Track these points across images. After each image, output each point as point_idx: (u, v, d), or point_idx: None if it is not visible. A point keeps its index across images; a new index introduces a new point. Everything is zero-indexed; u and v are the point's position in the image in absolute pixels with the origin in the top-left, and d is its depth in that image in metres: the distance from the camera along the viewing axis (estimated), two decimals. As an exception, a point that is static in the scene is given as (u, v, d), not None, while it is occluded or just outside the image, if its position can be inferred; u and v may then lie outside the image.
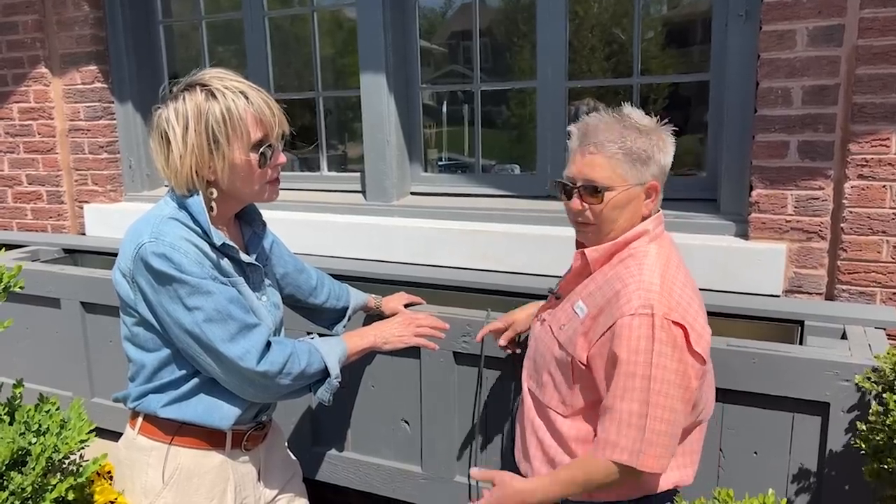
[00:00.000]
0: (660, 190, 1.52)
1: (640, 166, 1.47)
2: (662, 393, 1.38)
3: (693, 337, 1.40)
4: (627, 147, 1.45)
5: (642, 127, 1.48)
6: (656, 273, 1.45)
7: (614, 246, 1.51)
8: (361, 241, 3.07)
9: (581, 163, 1.49)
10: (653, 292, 1.41)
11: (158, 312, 1.50)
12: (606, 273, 1.52)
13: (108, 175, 3.76)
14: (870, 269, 2.25)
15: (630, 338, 1.38)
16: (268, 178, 1.58)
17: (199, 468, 1.59)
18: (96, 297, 2.93)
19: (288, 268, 1.94)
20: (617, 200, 1.47)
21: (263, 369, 1.51)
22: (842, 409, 1.81)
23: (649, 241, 1.52)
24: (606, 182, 1.46)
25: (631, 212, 1.50)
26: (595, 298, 1.50)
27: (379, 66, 3.03)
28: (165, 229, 1.49)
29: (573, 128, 1.55)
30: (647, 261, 1.47)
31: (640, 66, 2.77)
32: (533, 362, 1.67)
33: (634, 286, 1.42)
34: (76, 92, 3.71)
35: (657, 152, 1.48)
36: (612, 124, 1.48)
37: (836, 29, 2.21)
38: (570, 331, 1.52)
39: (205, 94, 1.49)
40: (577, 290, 1.57)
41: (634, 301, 1.40)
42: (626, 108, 1.52)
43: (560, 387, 1.56)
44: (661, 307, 1.39)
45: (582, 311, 1.51)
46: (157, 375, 1.57)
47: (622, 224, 1.50)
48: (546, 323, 1.64)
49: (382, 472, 2.48)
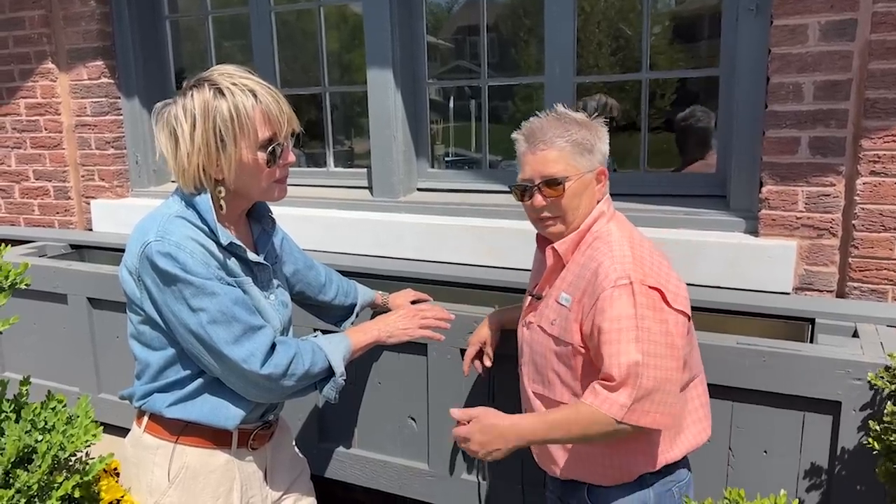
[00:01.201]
0: (607, 173, 1.64)
1: (588, 154, 1.58)
2: (650, 353, 1.42)
3: (669, 296, 1.49)
4: (574, 139, 1.56)
5: (581, 120, 1.59)
6: (626, 246, 1.54)
7: (579, 234, 1.60)
8: (368, 238, 3.06)
9: (535, 161, 1.58)
10: (626, 263, 1.49)
11: (163, 312, 1.49)
12: (579, 261, 1.59)
13: (114, 171, 3.76)
14: (882, 267, 2.23)
15: (612, 307, 1.45)
16: (276, 177, 1.56)
17: (205, 467, 1.59)
18: (103, 292, 2.93)
19: (298, 265, 1.93)
20: (574, 188, 1.57)
21: (267, 372, 1.50)
22: (853, 409, 1.79)
23: (607, 220, 1.61)
24: (563, 173, 1.55)
25: (588, 197, 1.60)
26: (575, 285, 1.57)
27: (386, 62, 3.01)
28: (172, 228, 1.47)
29: (517, 135, 1.64)
30: (614, 238, 1.56)
31: (649, 62, 2.74)
32: (532, 366, 1.69)
33: (609, 262, 1.50)
34: (83, 87, 3.71)
35: (597, 141, 1.59)
36: (554, 122, 1.59)
37: (849, 23, 2.18)
38: (562, 322, 1.57)
39: (213, 91, 1.47)
40: (556, 284, 1.63)
41: (612, 274, 1.48)
42: (559, 108, 1.63)
43: (568, 380, 1.59)
44: (637, 274, 1.47)
45: (567, 301, 1.57)
46: (162, 374, 1.56)
47: (583, 210, 1.60)
48: (534, 325, 1.67)
49: (389, 470, 2.47)
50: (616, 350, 1.42)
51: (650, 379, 1.41)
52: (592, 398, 1.43)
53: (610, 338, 1.44)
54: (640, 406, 1.41)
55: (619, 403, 1.40)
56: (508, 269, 2.75)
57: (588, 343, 1.52)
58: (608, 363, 1.43)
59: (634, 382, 1.40)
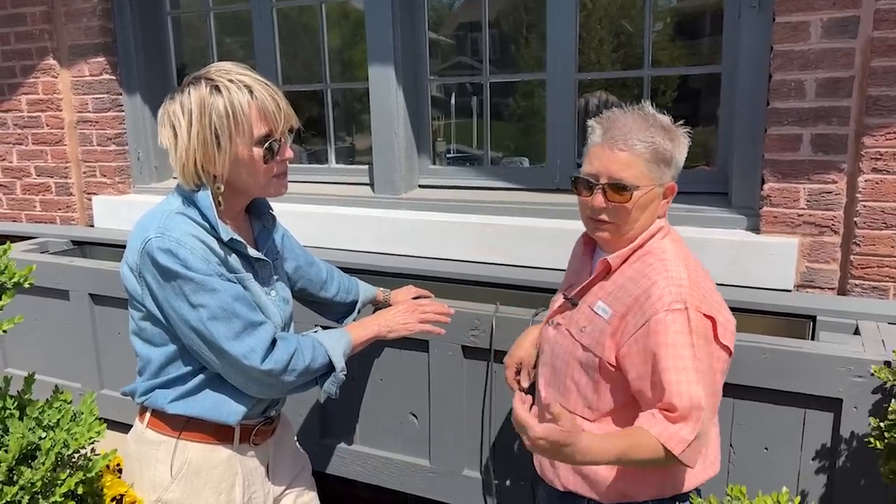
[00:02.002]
0: (675, 191, 1.52)
1: (664, 167, 1.46)
2: (706, 387, 1.36)
3: (720, 329, 1.41)
4: (655, 147, 1.44)
5: (666, 126, 1.47)
6: (682, 267, 1.44)
7: (631, 249, 1.50)
8: (369, 234, 3.06)
9: (607, 159, 1.45)
10: (683, 287, 1.40)
11: (164, 308, 1.49)
12: (625, 272, 1.49)
13: (116, 167, 3.76)
14: (883, 264, 2.23)
15: (667, 333, 1.36)
16: (274, 173, 1.56)
17: (208, 462, 1.59)
18: (105, 289, 2.93)
19: (299, 261, 1.94)
20: (642, 200, 1.45)
21: (268, 368, 1.50)
22: (854, 406, 1.80)
23: (662, 236, 1.52)
24: (634, 181, 1.43)
25: (651, 212, 1.49)
26: (619, 298, 1.47)
27: (387, 58, 3.01)
28: (172, 224, 1.48)
29: (595, 122, 1.51)
30: (668, 256, 1.47)
31: (651, 58, 2.73)
32: (551, 369, 1.62)
33: (664, 282, 1.41)
34: (84, 83, 3.71)
35: (677, 153, 1.48)
36: (639, 121, 1.45)
37: (851, 20, 2.17)
38: (594, 332, 1.49)
39: (209, 88, 1.47)
40: (594, 290, 1.54)
41: (667, 297, 1.38)
42: (647, 106, 1.50)
43: (585, 391, 1.52)
44: (693, 300, 1.39)
45: (605, 312, 1.47)
46: (163, 370, 1.56)
47: (641, 224, 1.49)
48: (562, 327, 1.60)
49: (391, 466, 2.48)
50: (677, 379, 1.34)
51: (707, 416, 1.35)
52: (660, 429, 1.33)
53: (668, 365, 1.35)
54: (697, 444, 1.34)
55: (682, 439, 1.32)
56: (510, 265, 2.75)
57: (623, 364, 1.44)
58: (670, 392, 1.34)
59: (698, 416, 1.33)
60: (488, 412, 2.28)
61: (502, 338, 2.17)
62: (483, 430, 2.30)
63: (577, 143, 2.91)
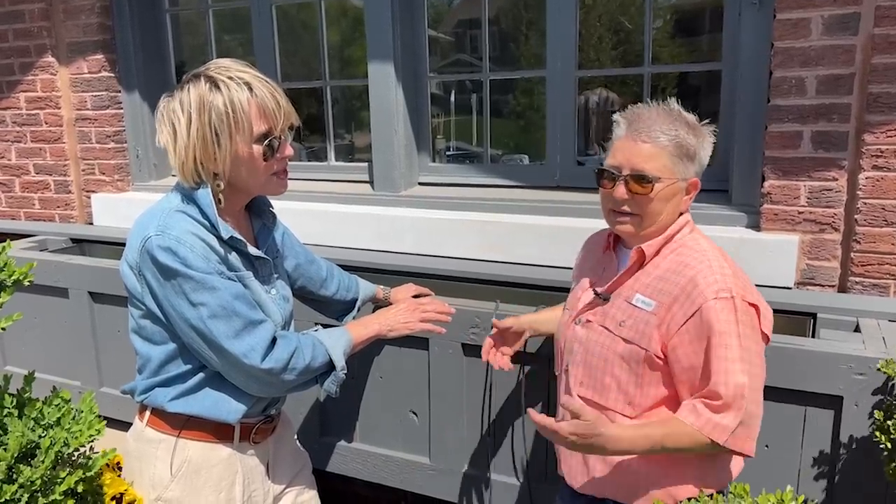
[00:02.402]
0: (699, 187, 1.53)
1: (688, 162, 1.48)
2: (753, 374, 1.37)
3: (761, 317, 1.43)
4: (679, 140, 1.45)
5: (691, 122, 1.48)
6: (721, 258, 1.46)
7: (665, 239, 1.51)
8: (369, 232, 3.05)
9: (630, 151, 1.46)
10: (727, 276, 1.42)
11: (164, 306, 1.49)
12: (659, 264, 1.50)
13: (115, 164, 3.75)
14: (884, 262, 2.22)
15: (718, 321, 1.37)
16: (274, 171, 1.56)
17: (207, 461, 1.59)
18: (104, 287, 2.93)
19: (299, 259, 1.93)
20: (664, 193, 1.46)
21: (268, 366, 1.50)
22: (855, 403, 1.80)
23: (690, 230, 1.54)
24: (656, 172, 1.45)
25: (673, 206, 1.50)
26: (661, 290, 1.46)
27: (387, 55, 3.00)
28: (172, 222, 1.47)
29: (619, 117, 1.52)
30: (706, 247, 1.49)
31: (651, 56, 2.73)
32: (585, 368, 1.58)
33: (708, 271, 1.42)
34: (83, 81, 3.70)
35: (701, 150, 1.49)
36: (664, 115, 1.48)
37: (852, 17, 2.17)
38: (638, 325, 1.47)
39: (209, 85, 1.47)
40: (628, 284, 1.53)
41: (714, 285, 1.40)
42: (672, 102, 1.52)
43: (626, 387, 1.50)
44: (738, 290, 1.41)
45: (648, 304, 1.47)
46: (163, 369, 1.56)
47: (664, 218, 1.50)
48: (594, 323, 1.57)
49: (391, 464, 2.48)
50: (723, 368, 1.36)
51: (753, 403, 1.36)
52: (695, 419, 1.37)
53: (716, 354, 1.37)
54: (743, 431, 1.36)
55: (725, 427, 1.35)
56: (511, 263, 2.75)
57: (671, 355, 1.44)
58: (716, 380, 1.36)
59: (741, 405, 1.35)
60: (488, 410, 2.28)
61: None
62: (483, 427, 2.30)
63: (577, 141, 2.90)
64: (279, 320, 1.64)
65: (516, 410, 2.23)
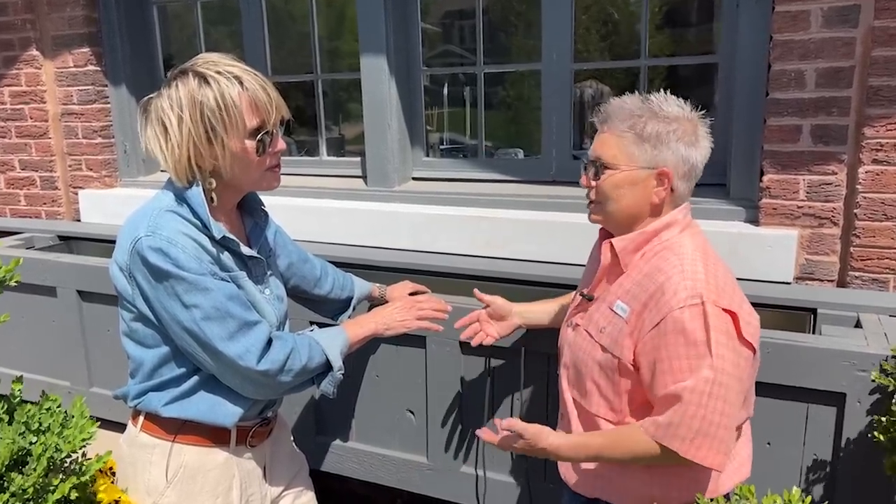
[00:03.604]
0: (673, 178, 1.45)
1: (651, 149, 1.42)
2: (720, 383, 1.32)
3: (742, 324, 1.36)
4: (639, 128, 1.42)
5: (662, 112, 1.43)
6: (698, 262, 1.40)
7: (642, 235, 1.47)
8: (362, 228, 3.02)
9: (596, 140, 1.50)
10: (699, 280, 1.36)
11: (156, 308, 1.45)
12: (642, 268, 1.46)
13: (102, 160, 3.69)
14: (883, 256, 2.21)
15: (685, 332, 1.33)
16: (267, 166, 1.52)
17: (203, 466, 1.55)
18: (93, 285, 2.87)
19: (292, 258, 1.90)
20: (616, 179, 1.45)
21: (264, 368, 1.46)
22: (858, 400, 1.78)
23: (680, 230, 1.48)
24: (611, 160, 1.45)
25: (637, 195, 1.45)
26: (635, 295, 1.43)
27: (380, 48, 2.96)
28: (162, 222, 1.43)
29: (599, 110, 1.53)
30: (686, 250, 1.43)
31: (648, 48, 2.70)
32: (573, 370, 1.58)
33: (679, 277, 1.37)
34: (69, 75, 3.63)
35: (674, 140, 1.42)
36: (631, 106, 1.45)
37: (852, 9, 2.15)
38: (613, 333, 1.45)
39: (198, 80, 1.43)
40: (613, 289, 1.50)
41: (681, 292, 1.35)
42: (654, 94, 1.47)
43: (607, 393, 1.49)
44: (710, 294, 1.34)
45: (624, 311, 1.44)
46: (157, 373, 1.52)
47: (626, 205, 1.46)
48: (581, 328, 1.56)
49: (387, 463, 2.45)
50: (674, 367, 1.34)
51: (713, 411, 1.31)
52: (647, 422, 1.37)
53: (672, 366, 1.34)
54: (703, 441, 1.31)
55: (660, 424, 1.34)
56: (508, 259, 2.72)
57: (639, 362, 1.41)
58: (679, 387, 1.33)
59: (684, 407, 1.31)
60: (487, 409, 2.25)
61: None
62: (482, 426, 2.27)
63: (572, 134, 2.87)
64: (274, 321, 1.61)
65: (515, 408, 2.21)
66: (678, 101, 1.47)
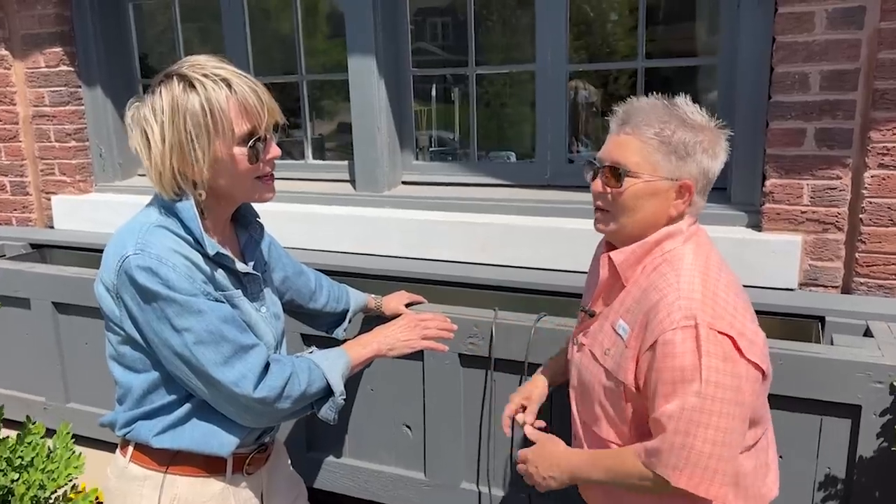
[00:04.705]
0: (694, 192, 1.36)
1: (676, 160, 1.32)
2: (709, 411, 1.22)
3: (744, 345, 1.26)
4: (666, 136, 1.31)
5: (689, 121, 1.34)
6: (696, 278, 1.30)
7: (642, 247, 1.36)
8: (352, 234, 2.92)
9: (613, 143, 1.37)
10: (694, 300, 1.25)
11: (145, 331, 1.35)
12: (642, 284, 1.37)
13: (76, 164, 3.54)
14: (890, 262, 2.18)
15: (675, 355, 1.23)
16: (259, 174, 1.42)
17: (198, 497, 1.45)
18: (69, 296, 2.75)
19: (287, 271, 1.80)
20: (638, 189, 1.33)
21: (262, 395, 1.36)
22: (874, 412, 1.74)
23: (684, 241, 1.38)
24: (633, 167, 1.32)
25: (655, 207, 1.34)
26: (634, 314, 1.34)
27: (368, 48, 2.86)
28: (152, 239, 1.33)
29: (617, 108, 1.41)
30: (685, 265, 1.33)
31: (645, 49, 2.64)
32: (580, 392, 1.50)
33: (674, 296, 1.27)
34: (40, 76, 3.48)
35: (700, 152, 1.33)
36: (658, 110, 1.35)
37: (857, 11, 2.11)
38: (617, 356, 1.36)
39: (182, 84, 1.32)
40: (615, 306, 1.41)
41: (675, 313, 1.25)
42: (678, 98, 1.38)
43: (614, 419, 1.40)
44: (705, 316, 1.24)
45: (625, 332, 1.35)
46: (146, 399, 1.42)
47: (642, 218, 1.35)
48: (586, 348, 1.47)
49: (383, 479, 2.37)
50: (663, 403, 1.25)
51: (704, 441, 1.22)
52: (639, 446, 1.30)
53: (666, 390, 1.25)
54: (689, 470, 1.22)
55: (651, 450, 1.26)
56: (503, 266, 2.65)
57: (641, 385, 1.33)
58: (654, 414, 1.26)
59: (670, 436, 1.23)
60: (487, 423, 2.18)
61: (502, 345, 2.08)
62: (481, 441, 2.20)
63: (567, 137, 2.81)
64: (271, 341, 1.51)
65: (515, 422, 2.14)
66: (699, 108, 1.38)
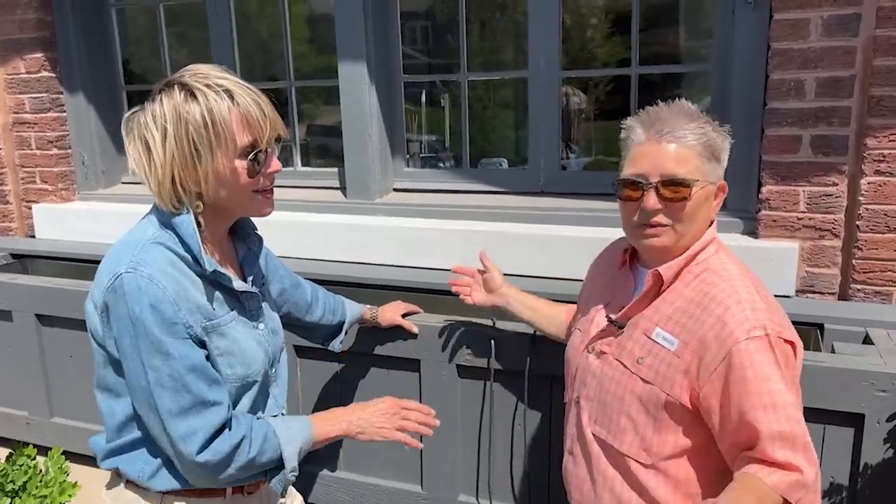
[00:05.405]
0: (726, 191, 1.38)
1: (715, 162, 1.32)
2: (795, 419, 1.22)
3: (798, 352, 1.29)
4: (706, 140, 1.30)
5: (711, 122, 1.33)
6: (751, 287, 1.29)
7: (686, 259, 1.33)
8: (343, 242, 2.88)
9: (657, 155, 1.30)
10: (759, 311, 1.25)
11: (122, 351, 1.29)
12: (681, 292, 1.33)
13: (58, 172, 3.47)
14: (886, 268, 2.18)
15: (752, 365, 1.21)
16: (258, 188, 1.38)
17: (198, 519, 1.41)
18: (53, 308, 2.68)
19: (284, 284, 1.76)
20: (698, 197, 1.30)
21: (203, 459, 1.30)
22: (878, 421, 1.73)
23: (716, 250, 1.37)
24: (688, 175, 1.28)
25: (705, 213, 1.33)
26: (685, 326, 1.30)
27: (359, 54, 2.82)
28: (147, 257, 1.28)
29: (633, 121, 1.36)
30: (733, 274, 1.31)
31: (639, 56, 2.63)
32: (599, 405, 1.41)
33: (738, 307, 1.25)
34: (21, 82, 3.40)
35: (723, 151, 1.34)
36: (685, 114, 1.32)
37: (853, 18, 2.11)
38: (658, 365, 1.31)
39: (184, 94, 1.28)
40: (647, 314, 1.36)
41: (745, 323, 1.23)
42: (684, 102, 1.36)
43: (644, 431, 1.34)
44: (773, 325, 1.24)
45: (670, 343, 1.30)
46: (127, 428, 1.35)
47: (697, 227, 1.33)
48: (608, 356, 1.40)
49: (379, 493, 2.33)
50: (775, 419, 1.19)
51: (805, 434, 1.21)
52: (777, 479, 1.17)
53: (757, 402, 1.19)
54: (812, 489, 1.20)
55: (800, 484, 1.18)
56: (499, 275, 2.61)
57: (705, 403, 1.27)
58: (764, 435, 1.19)
59: (811, 458, 1.19)
60: (486, 435, 2.14)
61: (502, 357, 2.05)
62: (480, 453, 2.17)
63: (561, 144, 2.79)
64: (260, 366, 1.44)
65: (515, 434, 2.11)
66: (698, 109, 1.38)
